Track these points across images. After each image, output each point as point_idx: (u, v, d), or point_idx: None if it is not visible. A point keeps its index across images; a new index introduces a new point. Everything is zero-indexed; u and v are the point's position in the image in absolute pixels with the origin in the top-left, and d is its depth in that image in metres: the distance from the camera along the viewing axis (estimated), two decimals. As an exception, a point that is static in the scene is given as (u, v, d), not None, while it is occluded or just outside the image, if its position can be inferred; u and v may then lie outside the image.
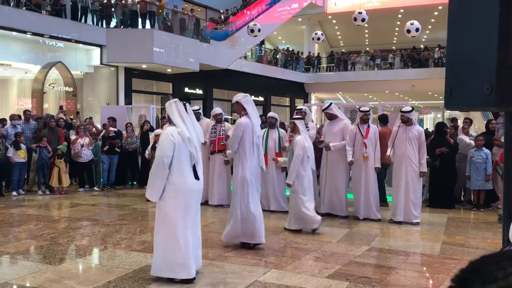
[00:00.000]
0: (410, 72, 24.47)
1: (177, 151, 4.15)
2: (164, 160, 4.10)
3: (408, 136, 6.91)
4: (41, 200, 8.94)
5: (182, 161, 4.17)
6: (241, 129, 5.29)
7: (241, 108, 5.43)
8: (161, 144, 4.22)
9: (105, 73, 16.64)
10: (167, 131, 4.24)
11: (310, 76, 26.82)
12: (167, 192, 4.14)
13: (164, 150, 4.13)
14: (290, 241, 5.84)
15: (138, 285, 4.10)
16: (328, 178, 7.35)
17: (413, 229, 6.71)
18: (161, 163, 4.10)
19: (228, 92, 22.86)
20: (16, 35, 13.51)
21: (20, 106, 15.05)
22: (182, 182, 4.16)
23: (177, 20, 17.02)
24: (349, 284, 4.22)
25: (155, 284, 4.14)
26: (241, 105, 5.40)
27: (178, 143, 4.15)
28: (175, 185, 4.13)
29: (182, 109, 4.32)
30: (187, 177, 4.19)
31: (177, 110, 4.30)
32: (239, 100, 5.41)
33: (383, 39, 28.98)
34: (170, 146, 4.12)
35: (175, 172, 4.14)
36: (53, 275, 4.37)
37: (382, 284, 4.25)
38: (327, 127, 7.39)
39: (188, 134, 4.19)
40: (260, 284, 4.18)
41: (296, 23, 26.40)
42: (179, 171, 4.15)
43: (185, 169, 4.17)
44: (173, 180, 4.13)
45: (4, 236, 5.85)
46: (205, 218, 7.24)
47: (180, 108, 4.31)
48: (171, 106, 4.32)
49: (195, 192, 4.32)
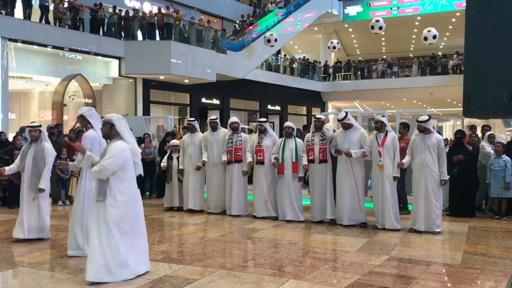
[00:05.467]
0: (428, 79, 24.25)
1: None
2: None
3: (426, 144, 6.84)
4: (61, 210, 9.06)
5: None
6: (89, 142, 5.35)
7: (86, 122, 5.53)
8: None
9: (124, 85, 16.88)
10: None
11: (327, 85, 26.78)
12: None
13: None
14: (308, 251, 5.80)
15: (157, 295, 4.11)
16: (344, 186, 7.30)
17: (433, 238, 6.60)
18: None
19: (245, 102, 22.96)
20: (36, 48, 13.82)
21: (41, 118, 15.33)
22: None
23: (194, 32, 17.20)
24: (368, 294, 4.17)
25: (173, 294, 4.15)
26: (86, 118, 5.49)
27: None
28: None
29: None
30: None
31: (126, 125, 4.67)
32: (83, 113, 5.51)
33: (400, 47, 28.84)
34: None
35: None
36: (73, 285, 4.41)
37: (402, 294, 4.19)
38: (344, 136, 7.33)
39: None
40: (278, 294, 4.16)
41: (312, 32, 26.45)
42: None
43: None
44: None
45: (25, 247, 5.94)
46: (222, 228, 7.25)
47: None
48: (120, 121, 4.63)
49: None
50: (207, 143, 8.51)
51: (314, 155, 7.52)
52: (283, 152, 7.75)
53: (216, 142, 8.45)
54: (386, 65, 26.11)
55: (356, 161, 7.22)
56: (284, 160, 7.72)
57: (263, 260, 5.33)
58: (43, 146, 6.28)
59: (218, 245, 6.11)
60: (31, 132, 6.27)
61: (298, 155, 7.70)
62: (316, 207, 7.64)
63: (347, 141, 7.25)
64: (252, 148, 8.11)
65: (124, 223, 4.47)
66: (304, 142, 7.75)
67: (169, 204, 8.88)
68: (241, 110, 22.56)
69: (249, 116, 24.01)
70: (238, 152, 8.17)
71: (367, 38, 27.23)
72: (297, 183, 7.76)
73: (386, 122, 7.20)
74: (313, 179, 7.67)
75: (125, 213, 4.50)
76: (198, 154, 8.53)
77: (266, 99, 23.63)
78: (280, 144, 7.85)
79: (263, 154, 7.91)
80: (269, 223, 7.58)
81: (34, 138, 6.27)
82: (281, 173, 7.74)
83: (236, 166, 8.20)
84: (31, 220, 6.16)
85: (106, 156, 4.44)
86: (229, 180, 8.28)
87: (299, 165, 7.66)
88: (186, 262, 5.24)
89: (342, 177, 7.33)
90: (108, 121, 4.59)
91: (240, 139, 8.26)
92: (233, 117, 8.90)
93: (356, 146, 7.20)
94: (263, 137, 8.02)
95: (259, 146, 7.97)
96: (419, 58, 26.72)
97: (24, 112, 16.24)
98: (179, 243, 6.53)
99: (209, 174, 8.55)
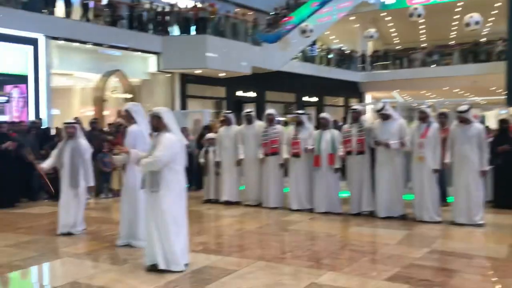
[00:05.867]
0: (471, 67, 23.44)
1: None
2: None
3: (467, 135, 6.64)
4: (104, 203, 9.34)
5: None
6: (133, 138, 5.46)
7: (130, 117, 5.60)
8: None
9: (162, 80, 17.15)
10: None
11: (365, 75, 26.35)
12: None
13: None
14: (346, 243, 5.76)
15: (197, 285, 4.19)
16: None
17: (476, 231, 6.42)
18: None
19: (281, 94, 22.88)
20: (77, 45, 14.21)
21: (82, 114, 15.78)
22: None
23: (229, 25, 17.26)
24: (409, 287, 4.11)
25: (214, 284, 4.21)
26: (131, 114, 5.59)
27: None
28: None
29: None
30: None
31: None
32: (129, 109, 5.63)
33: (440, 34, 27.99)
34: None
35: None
36: (116, 275, 4.56)
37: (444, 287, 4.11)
38: (383, 127, 7.20)
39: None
40: (316, 286, 4.16)
41: (348, 22, 26.02)
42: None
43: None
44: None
45: (70, 238, 6.16)
46: (259, 220, 7.29)
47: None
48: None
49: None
50: (243, 136, 8.57)
51: (351, 147, 7.44)
52: (319, 144, 7.69)
53: (251, 135, 8.48)
54: (426, 54, 25.43)
55: (395, 152, 7.09)
56: (320, 152, 7.66)
57: (301, 252, 5.33)
58: (79, 142, 6.43)
59: (255, 237, 6.16)
60: (67, 129, 6.44)
61: (334, 146, 7.63)
62: (354, 199, 7.57)
63: (386, 132, 7.12)
64: (288, 141, 8.09)
65: (177, 213, 4.62)
66: (342, 134, 7.67)
67: (207, 196, 9.01)
68: (277, 103, 22.47)
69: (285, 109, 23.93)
70: (274, 145, 8.17)
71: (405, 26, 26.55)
72: (333, 175, 7.68)
73: (430, 113, 7.04)
74: (351, 171, 7.59)
75: (178, 204, 4.64)
76: (234, 147, 8.59)
77: (302, 91, 23.46)
78: (316, 136, 7.80)
79: (299, 146, 7.88)
80: (306, 216, 7.56)
81: (71, 135, 6.44)
82: (318, 165, 7.69)
83: (272, 159, 8.21)
84: (69, 216, 6.31)
85: (159, 148, 4.53)
86: (265, 173, 8.30)
87: (336, 157, 7.59)
88: (224, 253, 5.31)
89: (380, 168, 7.21)
90: (156, 114, 4.70)
91: (275, 131, 8.25)
92: (269, 109, 8.90)
93: (395, 137, 7.06)
94: (300, 130, 7.98)
95: (295, 138, 7.94)
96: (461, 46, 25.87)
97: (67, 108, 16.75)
98: (217, 234, 6.63)
99: (245, 167, 8.59)
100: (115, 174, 9.93)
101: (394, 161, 7.09)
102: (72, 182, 6.32)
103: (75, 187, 6.33)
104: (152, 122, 4.75)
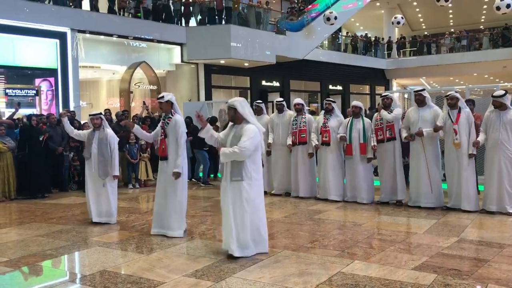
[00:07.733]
0: (501, 52, 22.78)
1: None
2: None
3: (502, 120, 6.45)
4: (132, 193, 9.49)
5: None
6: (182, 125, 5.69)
7: (170, 107, 5.70)
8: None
9: (186, 71, 17.24)
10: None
11: (391, 62, 25.91)
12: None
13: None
14: (374, 233, 5.71)
15: (224, 274, 4.23)
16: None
17: (508, 219, 6.27)
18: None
19: (305, 83, 22.72)
20: (103, 38, 14.41)
21: (109, 105, 16.03)
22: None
23: (252, 14, 17.18)
24: (437, 276, 4.05)
25: (240, 273, 4.24)
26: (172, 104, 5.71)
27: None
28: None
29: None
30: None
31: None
32: (170, 99, 5.71)
33: (469, 19, 27.25)
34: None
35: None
36: (145, 264, 4.64)
37: (473, 277, 4.03)
38: (417, 113, 7.04)
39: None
40: (343, 275, 4.14)
41: (374, 8, 25.58)
42: None
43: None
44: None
45: (100, 228, 6.29)
46: (286, 210, 7.29)
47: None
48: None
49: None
50: (273, 125, 8.55)
51: (384, 135, 7.33)
52: (350, 132, 7.60)
53: (282, 124, 8.47)
54: (455, 39, 24.81)
55: (429, 140, 6.96)
56: (351, 140, 7.58)
57: (328, 241, 5.32)
58: (106, 133, 6.56)
59: (282, 226, 6.16)
60: (93, 120, 6.56)
61: (366, 135, 7.53)
62: (385, 188, 7.48)
63: (420, 119, 6.98)
64: (317, 129, 8.02)
65: (259, 201, 4.76)
66: (373, 122, 7.55)
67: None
68: (301, 92, 22.36)
69: (310, 98, 23.76)
70: (303, 134, 8.12)
71: (433, 11, 25.97)
72: (366, 165, 7.59)
73: (460, 98, 6.86)
74: (382, 159, 7.49)
75: (259, 192, 4.78)
76: (265, 136, 8.58)
77: (327, 79, 23.25)
78: (347, 124, 7.70)
79: (329, 135, 7.79)
80: (334, 205, 7.52)
81: (97, 126, 6.56)
82: (349, 154, 7.62)
83: (301, 148, 8.17)
84: (100, 205, 6.47)
85: (244, 138, 4.59)
86: (294, 163, 8.28)
87: (368, 146, 7.50)
88: (251, 243, 5.32)
89: (414, 157, 7.12)
90: (232, 106, 4.78)
91: (305, 120, 8.19)
92: (297, 99, 8.81)
93: (429, 124, 6.92)
94: (329, 118, 7.89)
95: (325, 127, 7.86)
96: (491, 30, 25.13)
97: (94, 100, 17.05)
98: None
99: (274, 156, 8.58)
100: (142, 165, 10.08)
101: (427, 149, 6.95)
102: (100, 172, 6.44)
103: (104, 177, 6.44)
104: (229, 113, 4.83)
